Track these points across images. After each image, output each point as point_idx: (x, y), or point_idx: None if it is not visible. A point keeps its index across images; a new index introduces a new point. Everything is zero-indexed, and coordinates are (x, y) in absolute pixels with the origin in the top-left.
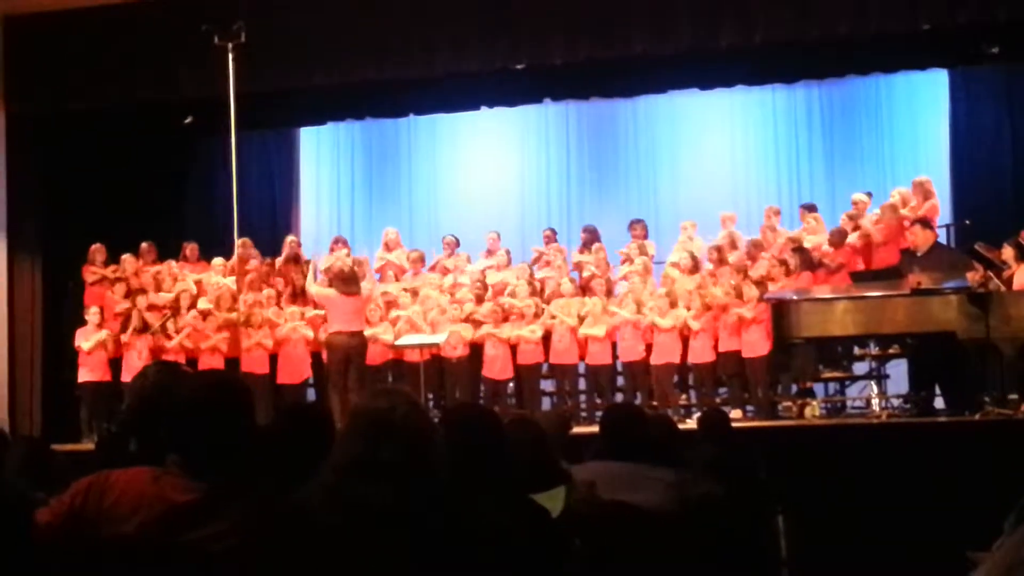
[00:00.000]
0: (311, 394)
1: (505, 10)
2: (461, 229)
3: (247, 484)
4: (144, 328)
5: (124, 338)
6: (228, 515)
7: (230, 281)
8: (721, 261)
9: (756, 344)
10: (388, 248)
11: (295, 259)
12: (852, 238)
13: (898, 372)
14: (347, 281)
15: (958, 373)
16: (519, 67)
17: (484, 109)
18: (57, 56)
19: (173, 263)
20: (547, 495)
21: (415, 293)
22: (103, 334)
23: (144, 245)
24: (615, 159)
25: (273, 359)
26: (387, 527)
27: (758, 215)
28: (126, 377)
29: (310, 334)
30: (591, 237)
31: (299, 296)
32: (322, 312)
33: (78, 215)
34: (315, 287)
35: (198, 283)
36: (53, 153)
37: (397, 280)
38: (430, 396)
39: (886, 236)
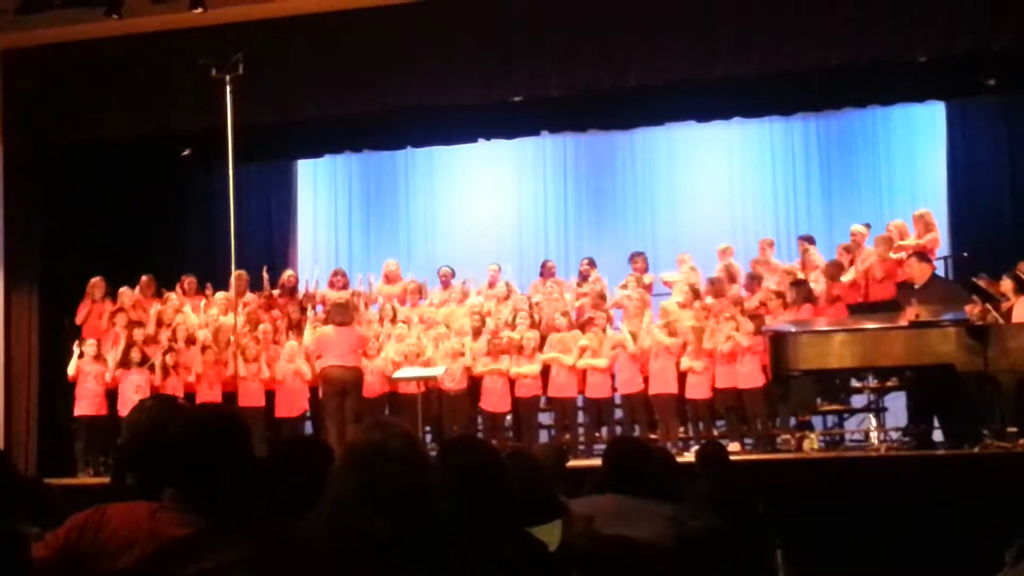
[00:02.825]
0: (308, 427)
1: (503, 43)
2: (458, 261)
3: (245, 518)
4: (142, 362)
5: (119, 373)
6: (227, 550)
7: (226, 313)
8: (719, 294)
9: (752, 376)
10: (388, 280)
11: (292, 292)
12: (849, 274)
13: (897, 405)
14: (342, 311)
15: (957, 406)
16: (517, 99)
17: (482, 141)
18: (56, 88)
19: (173, 296)
20: (544, 528)
21: (413, 324)
22: (98, 368)
23: (144, 278)
24: (612, 191)
25: (270, 392)
26: (386, 560)
27: (756, 247)
28: (122, 410)
29: (307, 372)
30: (588, 270)
31: (295, 329)
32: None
33: (77, 248)
34: (308, 335)
35: (197, 316)
36: (52, 185)
37: (394, 312)
38: (427, 429)
39: (883, 272)
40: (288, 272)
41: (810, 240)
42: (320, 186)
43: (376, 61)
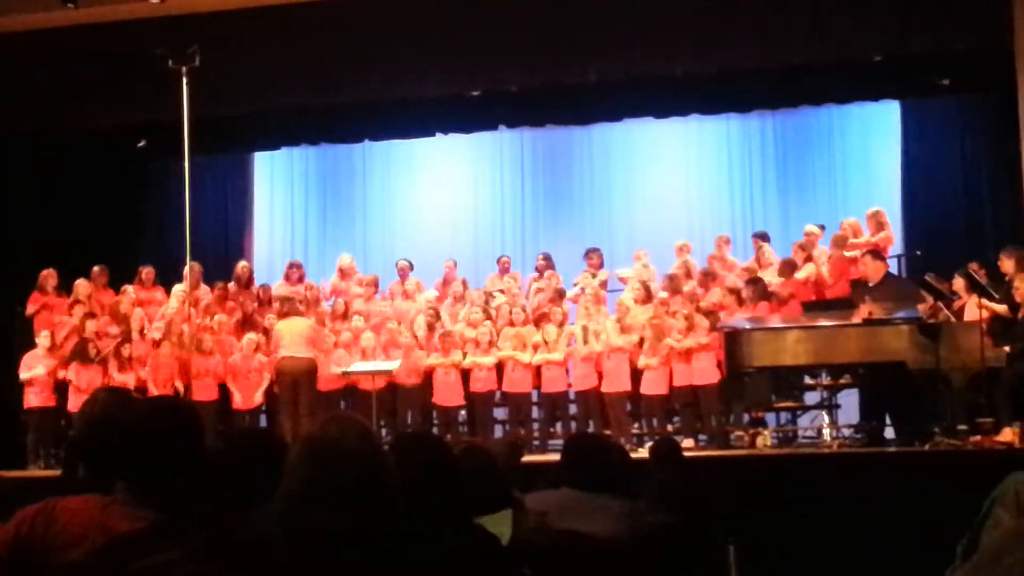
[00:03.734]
0: (263, 420)
1: (461, 37)
2: (415, 255)
3: (197, 512)
4: (95, 354)
5: (71, 366)
6: (179, 544)
7: (181, 305)
8: (675, 290)
9: (707, 372)
10: (343, 274)
11: (247, 285)
12: (804, 272)
13: (849, 402)
14: (290, 303)
15: (908, 403)
16: (474, 94)
17: (439, 135)
18: (9, 78)
19: (129, 288)
20: (494, 519)
21: (368, 319)
22: (50, 360)
23: (96, 269)
24: (569, 186)
25: (223, 385)
26: (339, 554)
27: (712, 244)
28: (73, 403)
29: (265, 364)
30: (544, 265)
31: (249, 322)
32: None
33: (29, 239)
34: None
35: (152, 308)
36: (4, 176)
37: (349, 306)
38: (382, 423)
39: (835, 275)
40: (243, 264)
41: (765, 237)
42: (277, 179)
43: (334, 54)
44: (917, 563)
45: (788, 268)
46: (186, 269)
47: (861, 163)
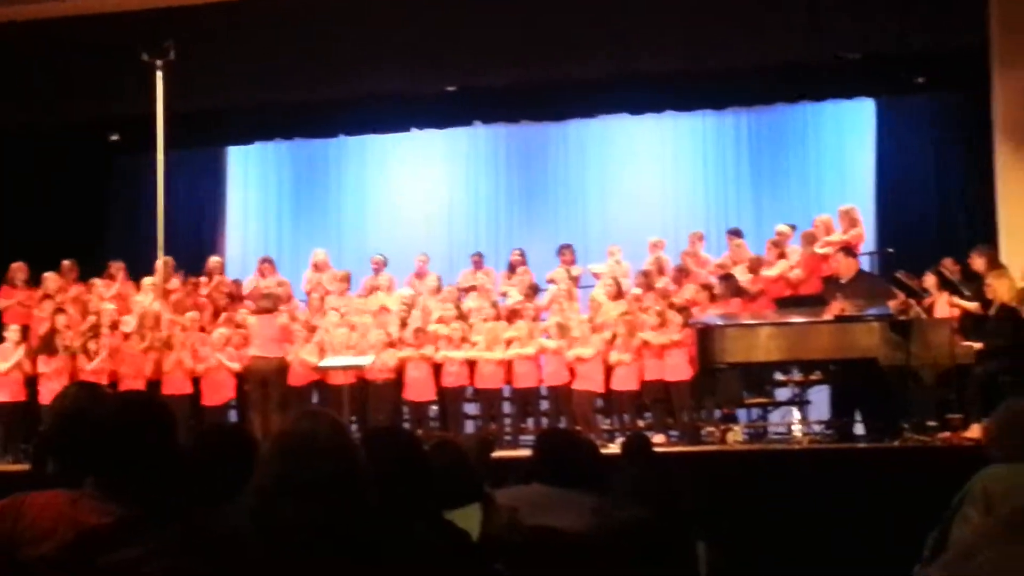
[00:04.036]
0: (234, 416)
1: (437, 33)
2: (389, 250)
3: (167, 507)
4: (63, 348)
5: (39, 359)
6: (148, 539)
7: (152, 299)
8: (649, 287)
9: (679, 368)
10: (317, 268)
11: (219, 279)
12: (776, 268)
13: (820, 398)
14: (271, 300)
15: (879, 399)
16: (450, 89)
17: (414, 131)
18: None
19: (98, 282)
20: (463, 513)
21: (341, 313)
22: (19, 354)
23: (66, 263)
24: (544, 183)
25: (196, 380)
26: (312, 548)
27: (686, 240)
28: (43, 397)
29: (235, 366)
30: (519, 261)
31: (222, 317)
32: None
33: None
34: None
35: (123, 302)
36: None
37: (324, 301)
38: (353, 418)
39: (807, 268)
40: (215, 258)
41: (739, 234)
42: (251, 173)
43: (309, 49)
44: (887, 558)
45: (757, 265)
46: (158, 263)
47: (835, 160)
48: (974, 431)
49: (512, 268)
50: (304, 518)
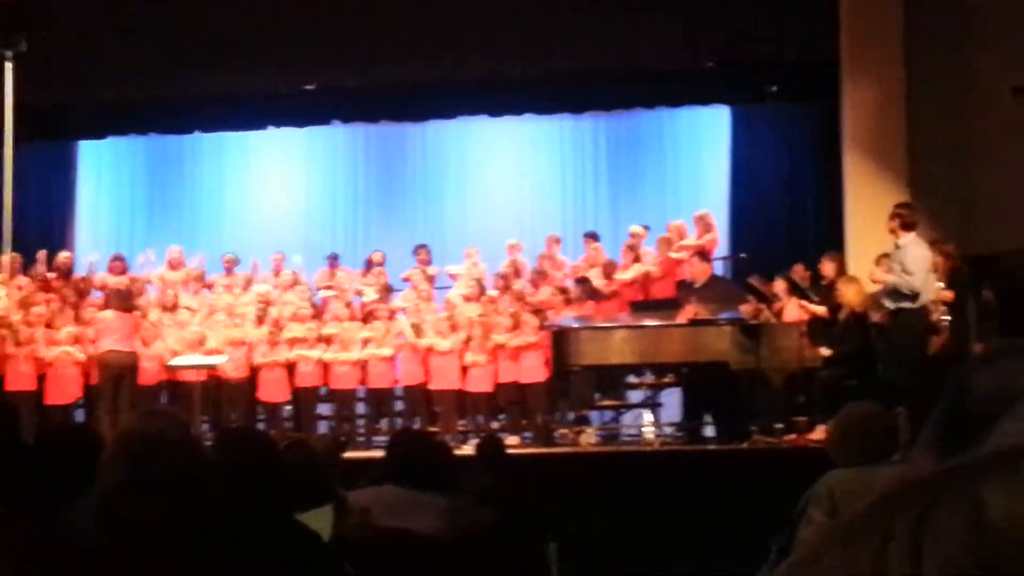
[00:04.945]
0: (81, 415)
1: (296, 31)
2: (245, 249)
3: (9, 505)
4: None
5: None
6: None
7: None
8: (506, 288)
9: (535, 370)
10: (172, 266)
11: (68, 275)
12: (631, 272)
13: (672, 400)
14: (122, 298)
15: (729, 402)
16: (308, 88)
17: (272, 129)
18: None
19: None
20: (314, 514)
21: (195, 311)
22: None
23: None
24: (403, 183)
25: (42, 377)
26: (158, 548)
27: (544, 243)
28: None
29: (81, 357)
30: (377, 261)
31: (69, 314)
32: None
33: None
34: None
35: None
36: None
37: (176, 299)
38: (205, 418)
39: (662, 271)
40: (64, 254)
41: (595, 237)
42: (103, 169)
43: (166, 44)
44: (736, 558)
45: (611, 268)
46: (4, 258)
47: (691, 166)
48: (819, 433)
49: (369, 267)
50: (148, 519)
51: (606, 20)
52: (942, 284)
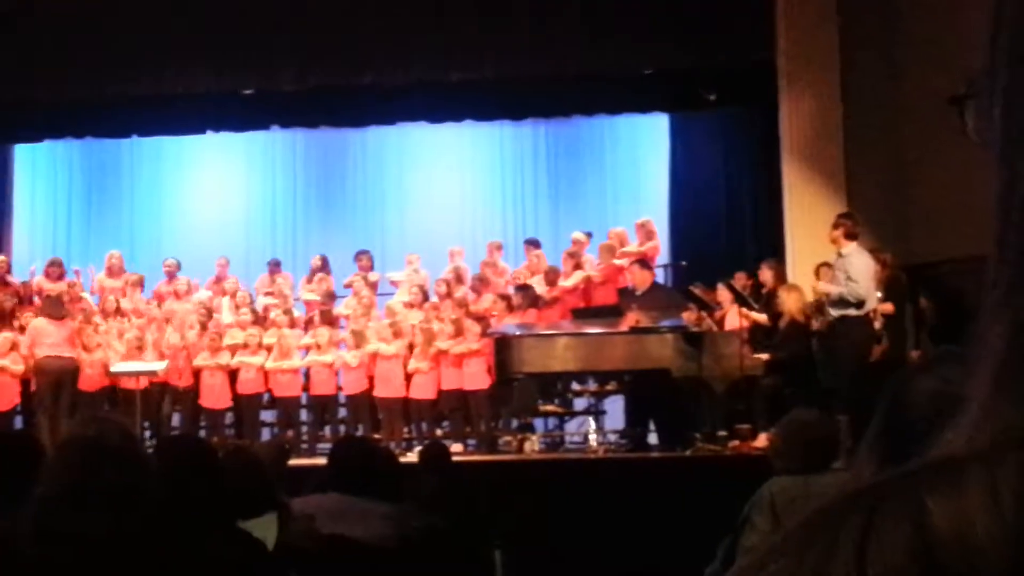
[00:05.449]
0: (19, 422)
1: (235, 34)
2: (185, 253)
3: None
4: None
5: None
6: None
7: None
8: (448, 295)
9: (478, 377)
10: (111, 272)
11: (4, 281)
12: (574, 279)
13: (615, 408)
14: (55, 305)
15: (672, 409)
16: (247, 92)
17: (210, 133)
18: None
19: None
20: (259, 523)
21: (134, 318)
22: None
23: None
24: (343, 188)
25: None
26: (97, 558)
27: (485, 249)
28: None
29: (19, 368)
30: (318, 267)
31: (5, 320)
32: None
33: None
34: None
35: None
36: None
37: (118, 304)
38: (146, 425)
39: (604, 277)
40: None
41: (536, 244)
42: (39, 172)
43: (102, 46)
44: (679, 563)
45: (553, 275)
46: None
47: (630, 173)
48: (761, 440)
49: (312, 273)
50: (90, 527)
51: (545, 27)
52: (880, 293)
